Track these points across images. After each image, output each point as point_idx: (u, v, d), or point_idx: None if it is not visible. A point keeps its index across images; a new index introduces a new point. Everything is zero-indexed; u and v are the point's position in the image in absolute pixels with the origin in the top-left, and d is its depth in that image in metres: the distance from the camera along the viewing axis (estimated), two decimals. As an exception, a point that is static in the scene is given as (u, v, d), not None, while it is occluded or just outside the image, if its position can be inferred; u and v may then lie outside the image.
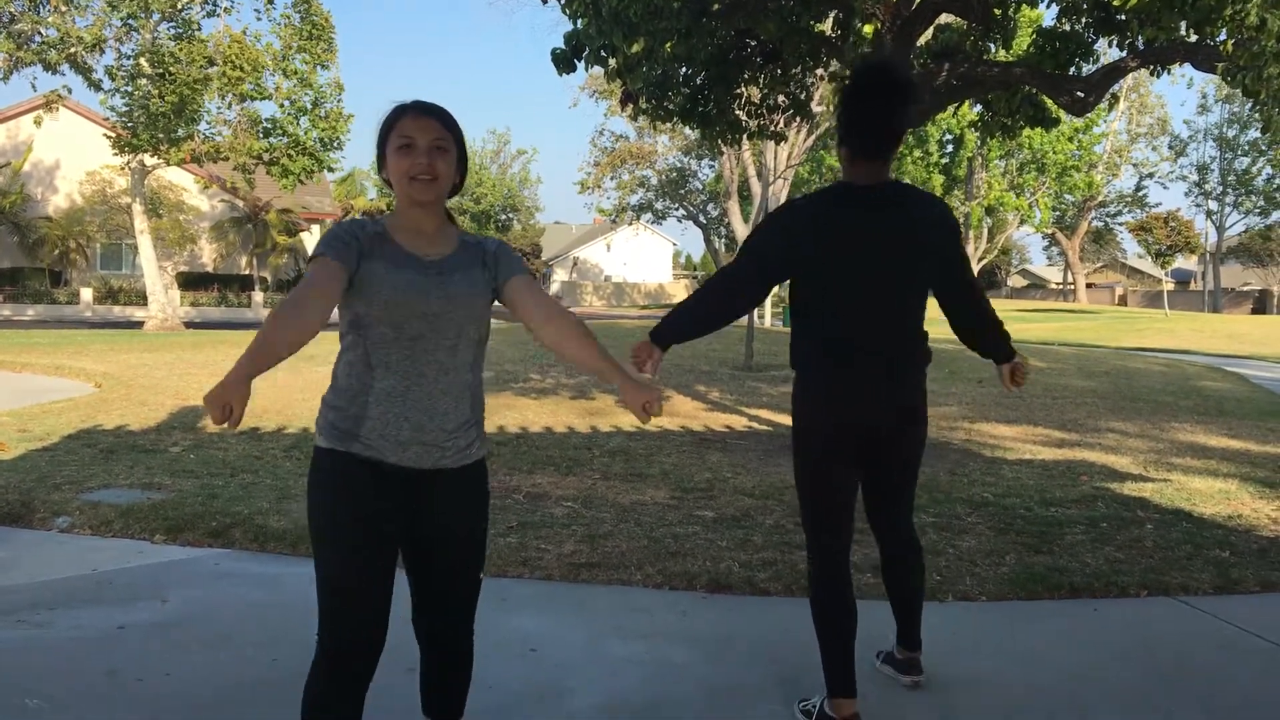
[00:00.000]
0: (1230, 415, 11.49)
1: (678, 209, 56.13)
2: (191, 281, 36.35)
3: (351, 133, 25.76)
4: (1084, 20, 8.82)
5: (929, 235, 3.16)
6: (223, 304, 35.56)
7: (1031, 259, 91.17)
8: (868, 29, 8.15)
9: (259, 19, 36.60)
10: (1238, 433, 10.07)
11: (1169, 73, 9.02)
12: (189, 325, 26.94)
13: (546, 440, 8.66)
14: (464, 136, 2.50)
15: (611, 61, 8.41)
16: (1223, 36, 7.07)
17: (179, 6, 23.18)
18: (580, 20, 7.92)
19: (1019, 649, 3.99)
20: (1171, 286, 59.69)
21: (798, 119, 10.68)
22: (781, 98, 10.12)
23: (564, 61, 8.34)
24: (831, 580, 3.20)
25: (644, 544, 5.21)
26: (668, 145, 50.03)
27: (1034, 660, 3.86)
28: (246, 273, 38.75)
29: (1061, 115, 10.24)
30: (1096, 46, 9.41)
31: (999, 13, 8.70)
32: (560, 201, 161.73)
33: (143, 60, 22.73)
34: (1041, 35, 9.54)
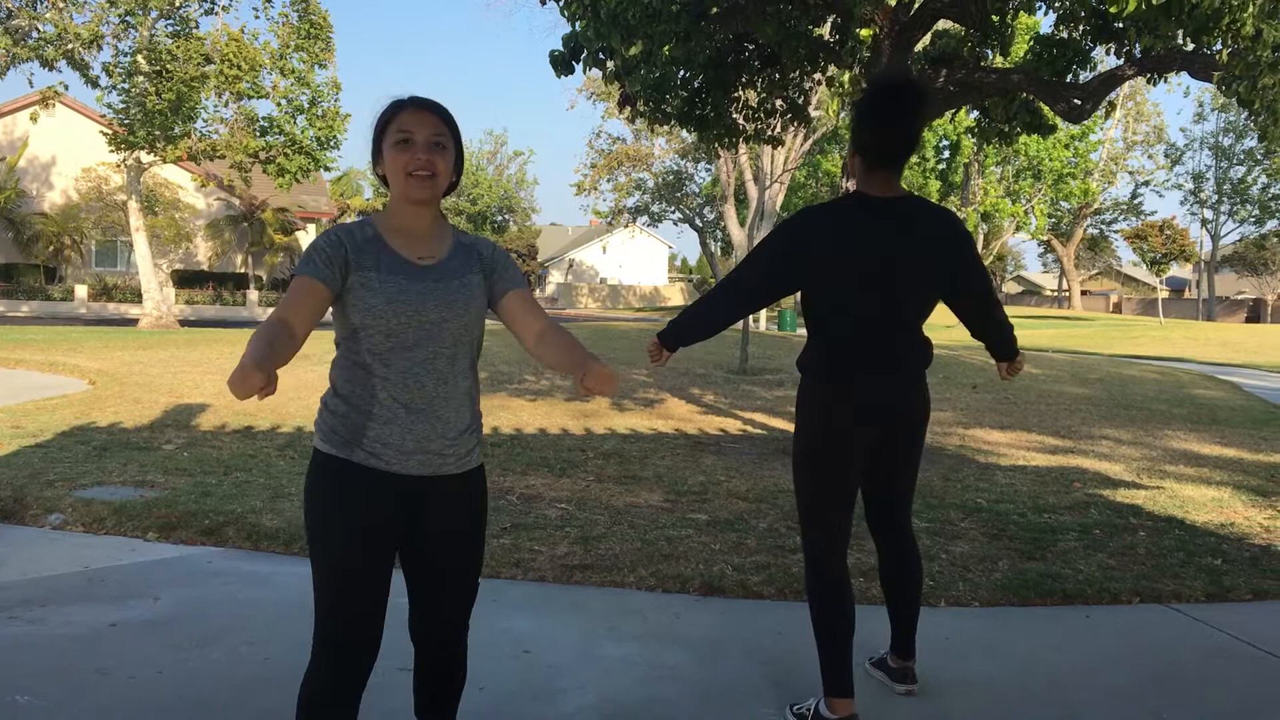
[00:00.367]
0: (1223, 423, 11.51)
1: (674, 212, 56.12)
2: (187, 279, 36.30)
3: (348, 132, 25.76)
4: (1081, 28, 8.84)
5: (942, 248, 3.20)
6: (218, 302, 35.51)
7: (1027, 265, 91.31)
8: (866, 34, 8.17)
9: (257, 17, 36.58)
10: (1231, 441, 10.09)
11: (1165, 81, 9.05)
12: (184, 323, 26.90)
13: (540, 442, 8.66)
14: (461, 134, 2.46)
15: (610, 64, 8.42)
16: (1219, 46, 7.10)
17: (177, 4, 23.15)
18: (579, 22, 7.93)
19: (1011, 655, 4.00)
20: (1166, 294, 59.83)
21: (795, 123, 10.69)
22: (779, 102, 10.14)
23: (562, 63, 8.35)
24: (830, 580, 3.21)
25: (637, 546, 5.21)
26: (664, 148, 50.02)
27: (1026, 666, 3.86)
28: (242, 271, 38.70)
29: (1058, 122, 10.26)
30: (1094, 54, 9.43)
31: (997, 19, 8.71)
32: (556, 203, 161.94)
33: (140, 57, 22.70)
34: (1039, 42, 9.56)
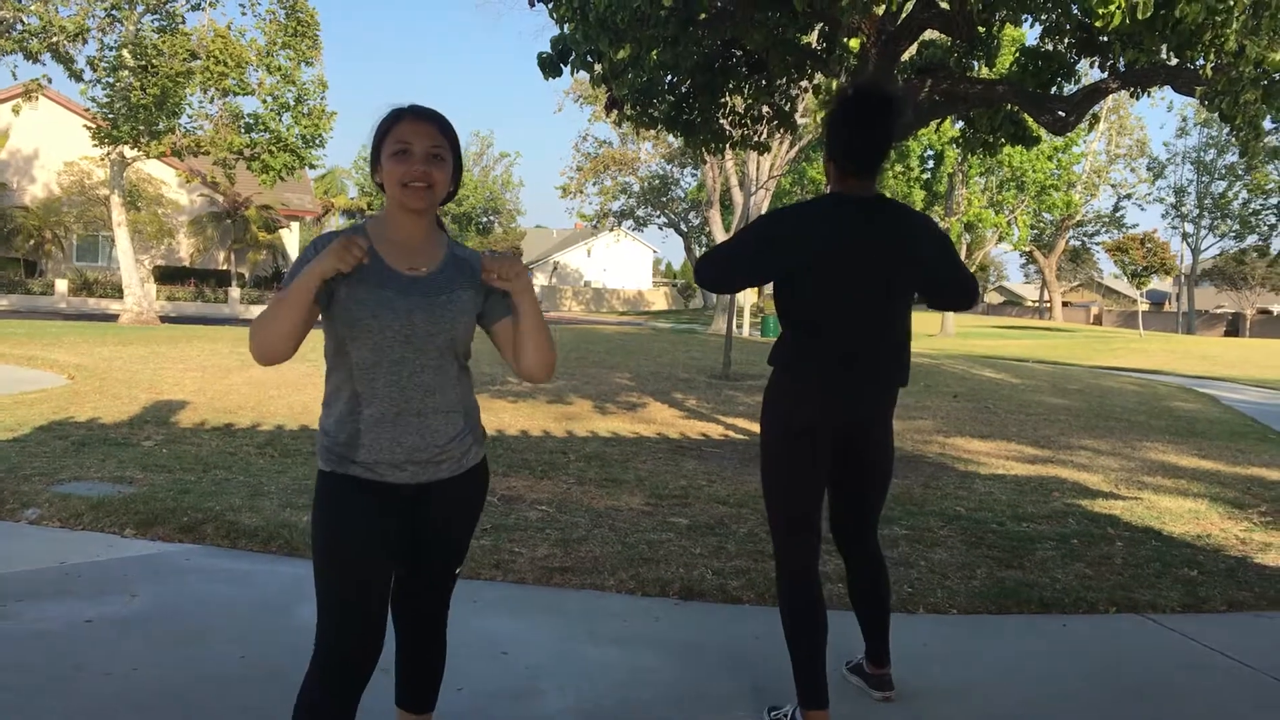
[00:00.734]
0: (1201, 436, 11.60)
1: (659, 216, 56.25)
2: (168, 276, 36.08)
3: (333, 130, 25.69)
4: (1066, 41, 8.91)
5: (918, 249, 3.22)
6: (199, 299, 35.30)
7: (1009, 276, 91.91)
8: (853, 43, 8.21)
9: (244, 14, 36.30)
10: (1208, 453, 10.17)
11: (1149, 95, 9.12)
12: (164, 319, 26.74)
13: (522, 443, 8.65)
14: (459, 143, 2.46)
15: (597, 67, 8.42)
16: (1202, 61, 7.16)
17: (163, -1, 23.08)
18: (567, 25, 7.92)
19: (988, 662, 4.02)
20: (1146, 307, 60.21)
21: (781, 130, 10.72)
22: (766, 108, 10.16)
23: (550, 66, 8.35)
24: (801, 586, 3.21)
25: (618, 549, 5.22)
26: (650, 152, 50.15)
27: (1003, 674, 3.88)
28: (224, 268, 38.51)
29: (1042, 134, 10.33)
30: (1079, 67, 9.50)
31: (983, 30, 8.76)
32: (542, 205, 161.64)
33: (125, 52, 22.58)
34: (1024, 54, 9.63)
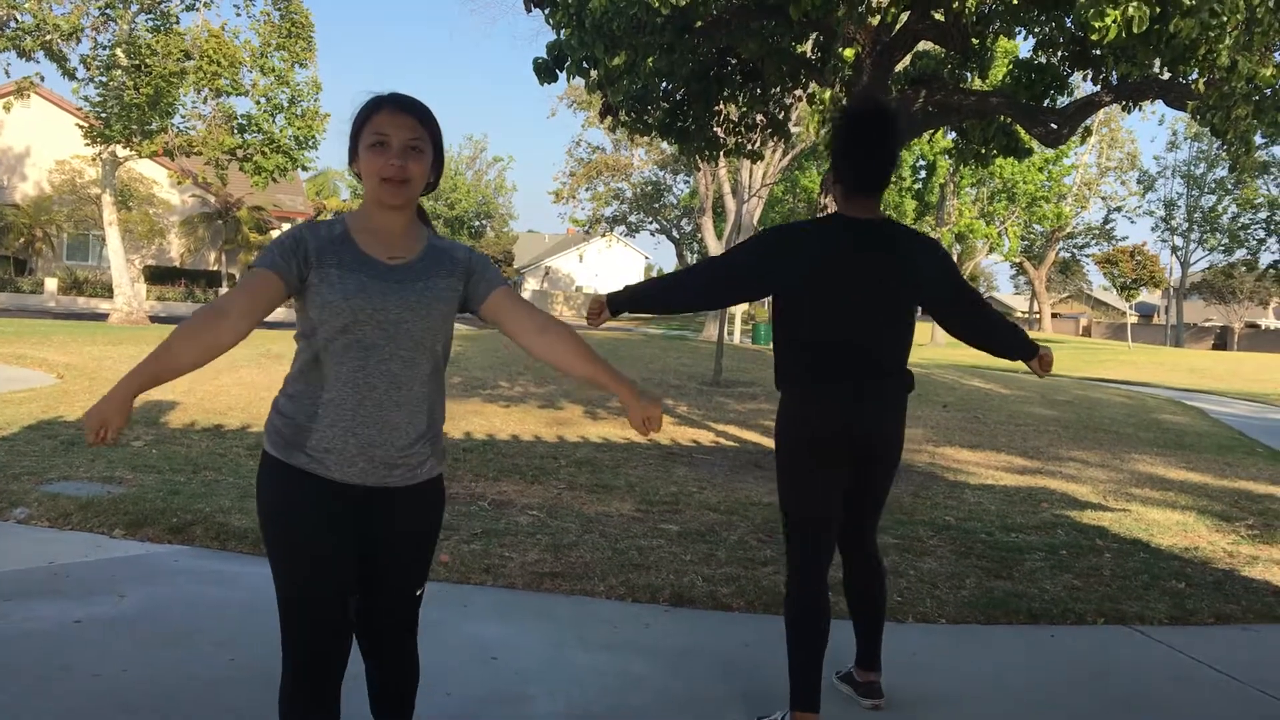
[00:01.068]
0: (1189, 449, 11.64)
1: (651, 223, 56.28)
2: (159, 275, 36.01)
3: (326, 132, 25.67)
4: (1060, 53, 8.96)
5: (921, 271, 3.28)
6: (189, 299, 35.21)
7: (999, 287, 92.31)
8: (848, 53, 8.24)
9: (239, 15, 36.40)
10: (1196, 466, 10.20)
11: (1140, 109, 9.18)
12: (154, 319, 26.67)
13: (513, 448, 8.64)
14: (442, 134, 2.38)
15: (593, 73, 8.44)
16: (1195, 76, 7.21)
17: (157, -1, 23.06)
18: (563, 31, 7.94)
19: (977, 672, 4.03)
20: (1135, 319, 60.48)
21: (775, 138, 10.76)
22: (760, 116, 10.19)
23: (545, 71, 8.36)
24: (810, 594, 3.23)
25: (608, 555, 5.21)
26: (644, 159, 50.17)
27: (991, 684, 3.89)
28: (215, 269, 38.43)
29: (1034, 146, 10.38)
30: (1072, 80, 9.55)
31: (977, 42, 8.81)
32: (534, 210, 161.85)
33: (119, 51, 22.54)
34: (1018, 66, 9.68)
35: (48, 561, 4.67)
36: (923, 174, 43.43)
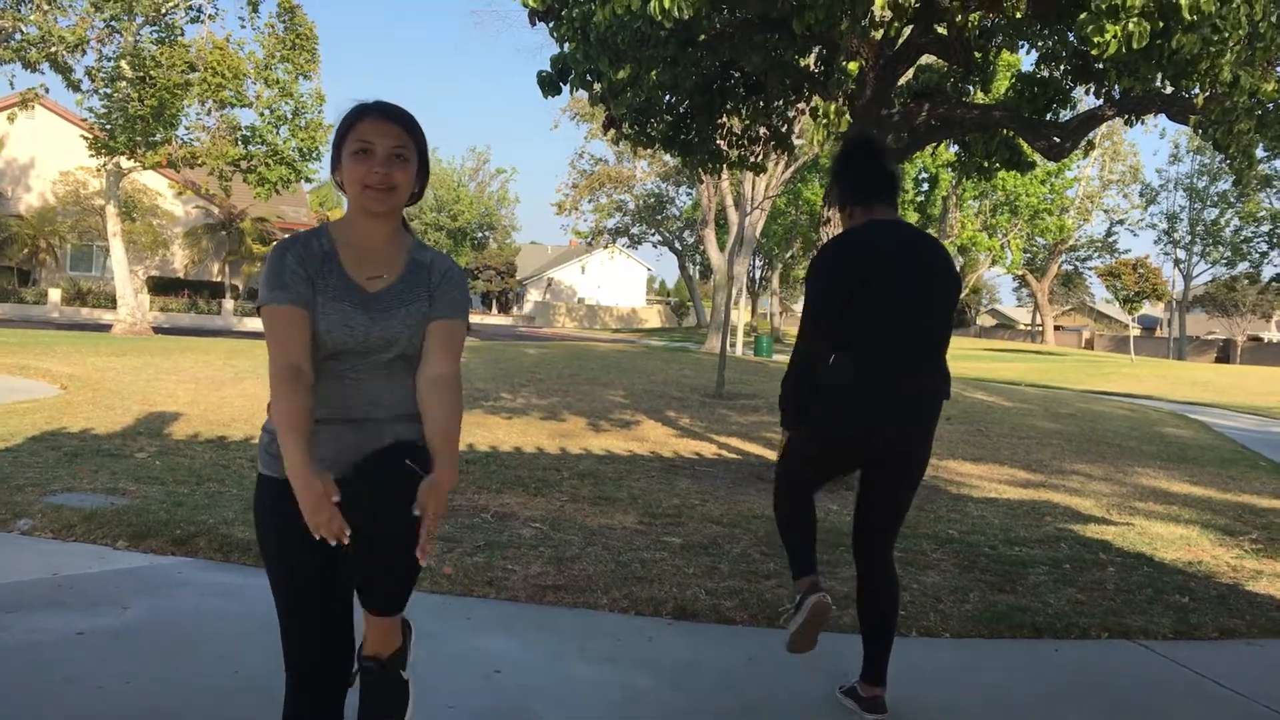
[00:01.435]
0: (1192, 462, 11.63)
1: (654, 234, 56.33)
2: (162, 286, 36.07)
3: (330, 144, 25.70)
4: (1063, 67, 8.98)
5: (949, 276, 3.46)
6: (193, 310, 35.28)
7: (1001, 299, 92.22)
8: (852, 66, 8.26)
9: (243, 27, 36.52)
10: (1199, 479, 10.19)
11: (1143, 122, 9.19)
12: (158, 330, 26.70)
13: (516, 460, 8.64)
14: (426, 142, 2.36)
15: (597, 86, 8.47)
16: (1197, 90, 7.22)
17: (162, 11, 23.12)
18: (568, 44, 7.97)
19: (980, 687, 4.02)
20: (1138, 332, 60.41)
21: (778, 151, 10.78)
22: (763, 129, 10.22)
23: (550, 84, 8.40)
24: (796, 503, 3.54)
25: (611, 568, 5.21)
26: (646, 171, 50.27)
27: (995, 698, 3.89)
28: (218, 280, 38.50)
29: (1037, 159, 10.39)
30: (1074, 94, 9.57)
31: (980, 56, 8.83)
32: (537, 222, 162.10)
33: (124, 63, 22.61)
34: (1020, 80, 9.70)
35: (51, 573, 4.67)
36: (925, 187, 43.48)
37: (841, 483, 6.90)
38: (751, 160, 10.61)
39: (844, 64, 8.31)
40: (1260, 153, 7.72)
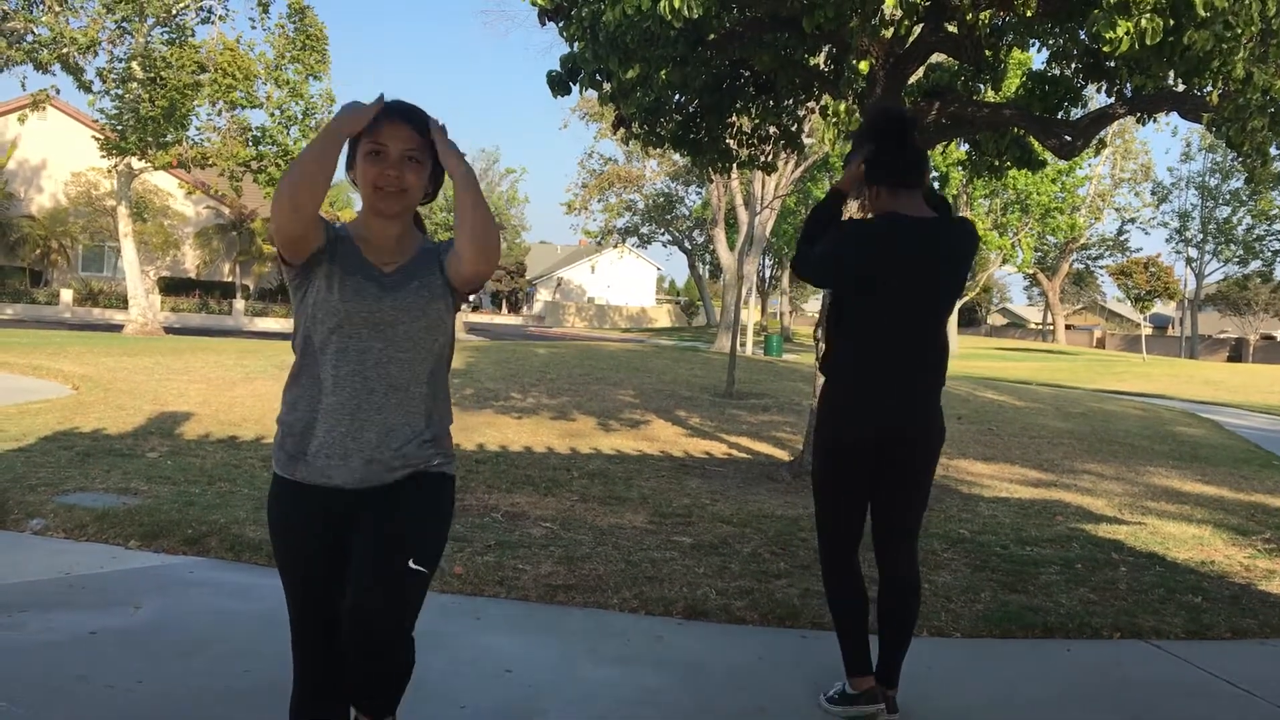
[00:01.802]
0: (1205, 461, 11.58)
1: (663, 234, 56.32)
2: (173, 287, 36.20)
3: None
4: (1074, 65, 8.94)
5: (960, 265, 3.46)
6: (204, 310, 35.41)
7: (1012, 298, 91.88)
8: (862, 65, 8.24)
9: (254, 28, 36.64)
10: (1212, 479, 10.15)
11: (1155, 120, 9.14)
12: (169, 330, 26.79)
13: (526, 460, 8.65)
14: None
15: (606, 86, 8.47)
16: (1209, 88, 7.19)
17: (173, 12, 23.20)
18: (577, 44, 7.97)
19: (992, 686, 4.01)
20: (1149, 331, 60.21)
21: (788, 150, 10.76)
22: (773, 129, 10.20)
23: (559, 84, 8.40)
24: (841, 574, 3.44)
25: (621, 568, 5.21)
26: (655, 170, 50.25)
27: (1006, 698, 3.87)
28: (229, 280, 38.64)
29: (1048, 158, 10.35)
30: (1085, 92, 9.53)
31: (990, 54, 8.80)
32: (547, 222, 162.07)
33: (135, 64, 22.70)
34: (1031, 78, 9.66)
35: (64, 572, 4.69)
36: (936, 186, 43.37)
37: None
38: (761, 159, 10.59)
39: (854, 63, 8.28)
40: (1274, 150, 7.66)
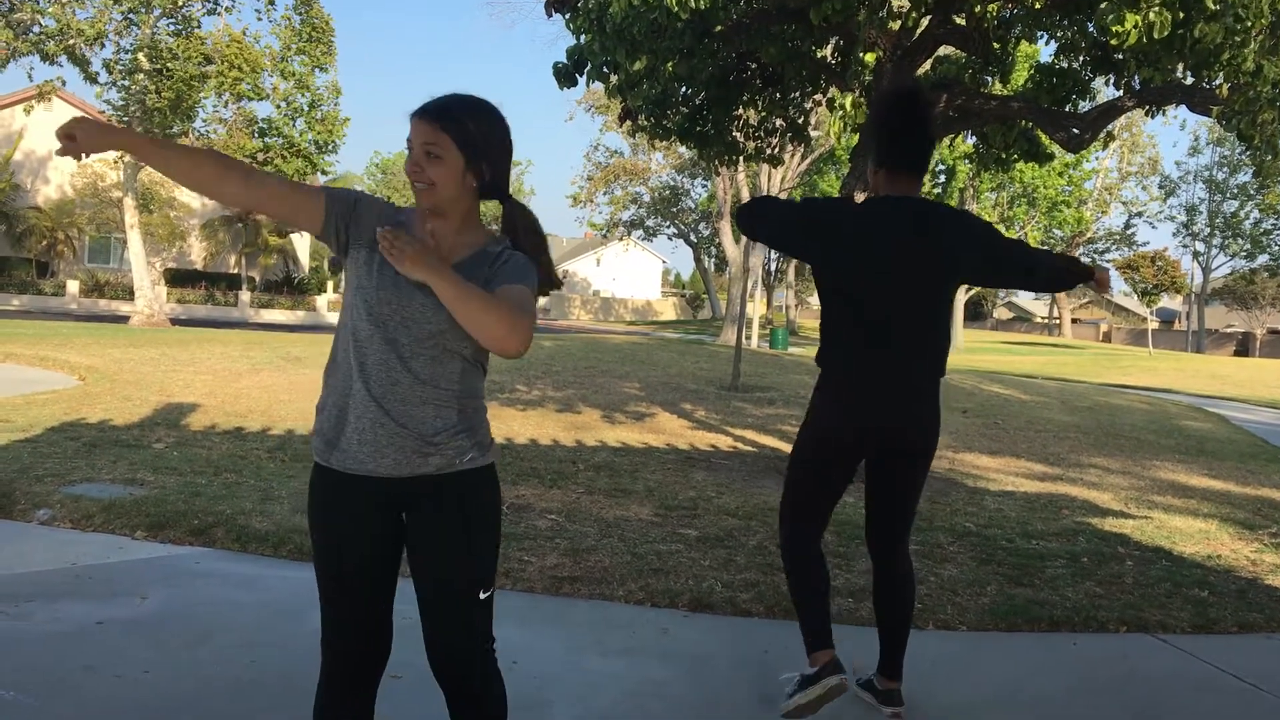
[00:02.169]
0: (1211, 455, 11.56)
1: (669, 227, 56.27)
2: (179, 278, 36.25)
3: (346, 136, 25.81)
4: (1082, 58, 8.91)
5: (963, 252, 3.31)
6: (210, 302, 35.46)
7: (1018, 292, 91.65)
8: (869, 57, 8.22)
9: (260, 19, 36.65)
10: (1218, 473, 10.13)
11: (1163, 113, 9.12)
12: (175, 322, 26.84)
13: (531, 452, 8.65)
14: (480, 135, 2.29)
15: (613, 78, 8.45)
16: (1219, 80, 7.16)
17: (179, 3, 23.20)
18: (584, 36, 7.96)
19: (998, 680, 4.00)
20: (1156, 325, 60.09)
21: (794, 142, 10.74)
22: (779, 121, 10.18)
23: (566, 76, 8.39)
24: (804, 556, 3.40)
25: (627, 560, 5.21)
26: (661, 163, 50.20)
27: (1012, 692, 3.87)
28: (235, 272, 38.67)
29: (1055, 150, 10.32)
30: (1094, 85, 9.49)
31: (998, 47, 8.77)
32: (552, 214, 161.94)
33: (141, 55, 22.71)
34: (1039, 71, 9.63)
35: (70, 563, 4.70)
36: (942, 179, 43.29)
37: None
38: (768, 152, 10.57)
39: (861, 55, 8.26)
40: (1285, 143, 7.64)
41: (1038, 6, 7.14)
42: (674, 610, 4.56)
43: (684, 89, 9.20)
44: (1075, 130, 8.66)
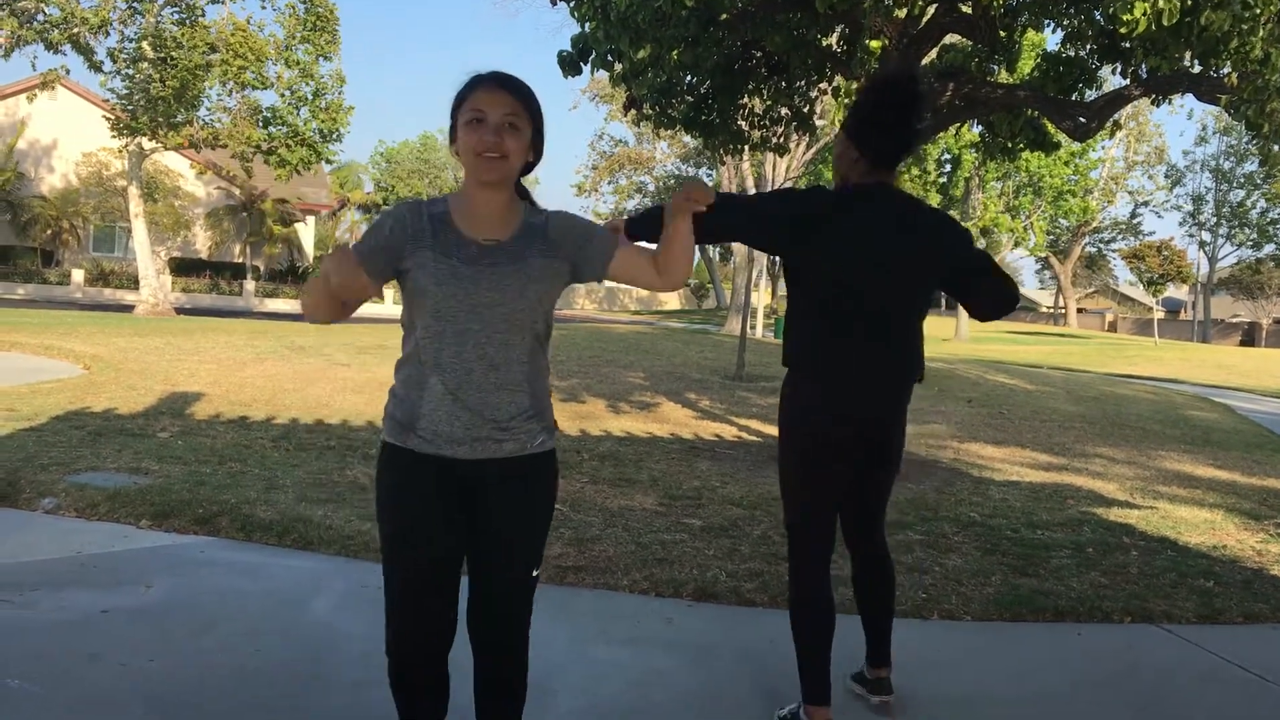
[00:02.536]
0: (1217, 446, 11.53)
1: (674, 216, 56.16)
2: (184, 268, 36.24)
3: (351, 125, 25.78)
4: (1089, 46, 8.87)
5: (939, 245, 3.20)
6: (214, 291, 35.46)
7: (1024, 281, 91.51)
8: (875, 46, 8.18)
9: (264, 8, 36.58)
10: (1224, 463, 10.10)
11: (1169, 102, 9.08)
12: (180, 311, 26.84)
13: (536, 441, 8.63)
14: (542, 115, 2.39)
15: (617, 66, 8.42)
16: (1227, 69, 7.12)
17: (183, -9, 23.18)
18: (588, 24, 7.93)
19: (1002, 670, 4.00)
20: (1162, 315, 59.93)
21: (800, 131, 10.70)
22: (785, 110, 10.14)
23: (570, 64, 8.36)
24: (812, 584, 3.23)
25: (631, 549, 5.21)
26: (666, 152, 50.17)
27: (1017, 682, 3.87)
28: (239, 261, 38.66)
29: (1062, 139, 10.28)
30: (1100, 73, 9.45)
31: (1004, 35, 8.73)
32: (557, 203, 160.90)
33: (145, 44, 22.68)
34: (1046, 59, 9.59)
35: (75, 551, 4.71)
36: (948, 168, 43.17)
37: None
38: (773, 141, 10.54)
39: (867, 43, 8.21)
40: (1293, 132, 7.60)
41: (1044, -6, 7.11)
42: (678, 600, 4.56)
43: (689, 77, 9.17)
44: (1081, 119, 8.62)
